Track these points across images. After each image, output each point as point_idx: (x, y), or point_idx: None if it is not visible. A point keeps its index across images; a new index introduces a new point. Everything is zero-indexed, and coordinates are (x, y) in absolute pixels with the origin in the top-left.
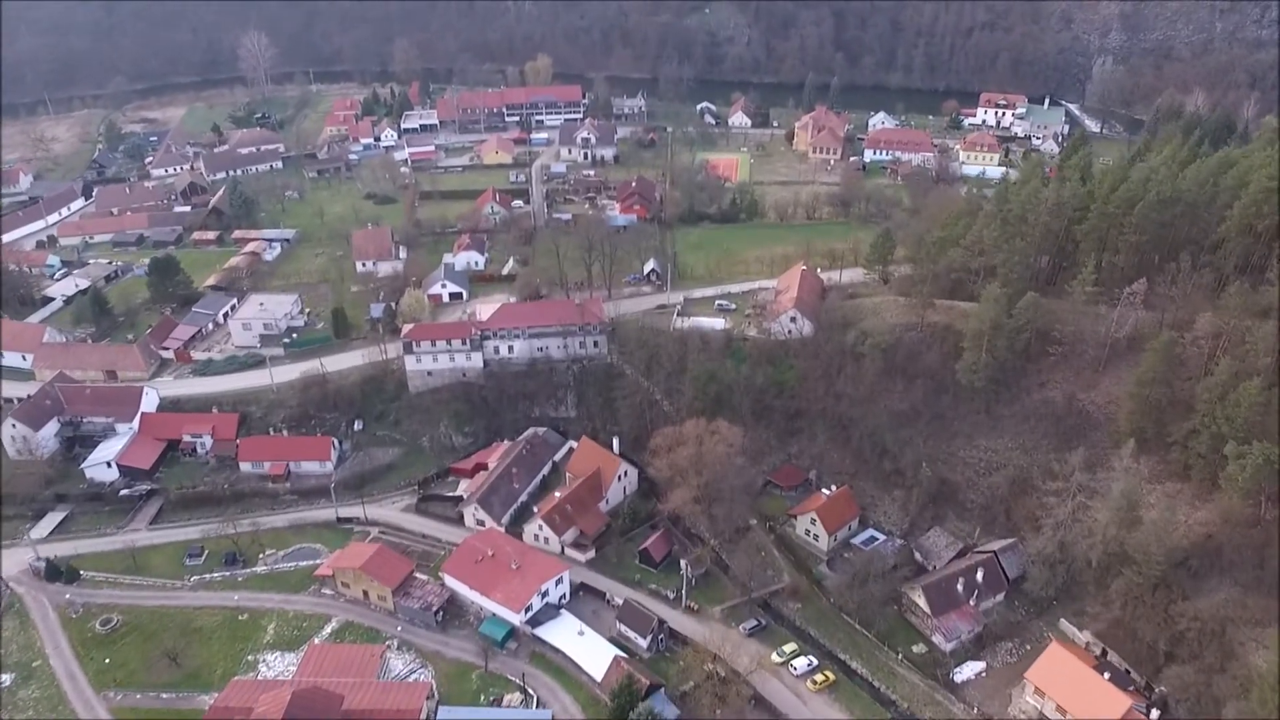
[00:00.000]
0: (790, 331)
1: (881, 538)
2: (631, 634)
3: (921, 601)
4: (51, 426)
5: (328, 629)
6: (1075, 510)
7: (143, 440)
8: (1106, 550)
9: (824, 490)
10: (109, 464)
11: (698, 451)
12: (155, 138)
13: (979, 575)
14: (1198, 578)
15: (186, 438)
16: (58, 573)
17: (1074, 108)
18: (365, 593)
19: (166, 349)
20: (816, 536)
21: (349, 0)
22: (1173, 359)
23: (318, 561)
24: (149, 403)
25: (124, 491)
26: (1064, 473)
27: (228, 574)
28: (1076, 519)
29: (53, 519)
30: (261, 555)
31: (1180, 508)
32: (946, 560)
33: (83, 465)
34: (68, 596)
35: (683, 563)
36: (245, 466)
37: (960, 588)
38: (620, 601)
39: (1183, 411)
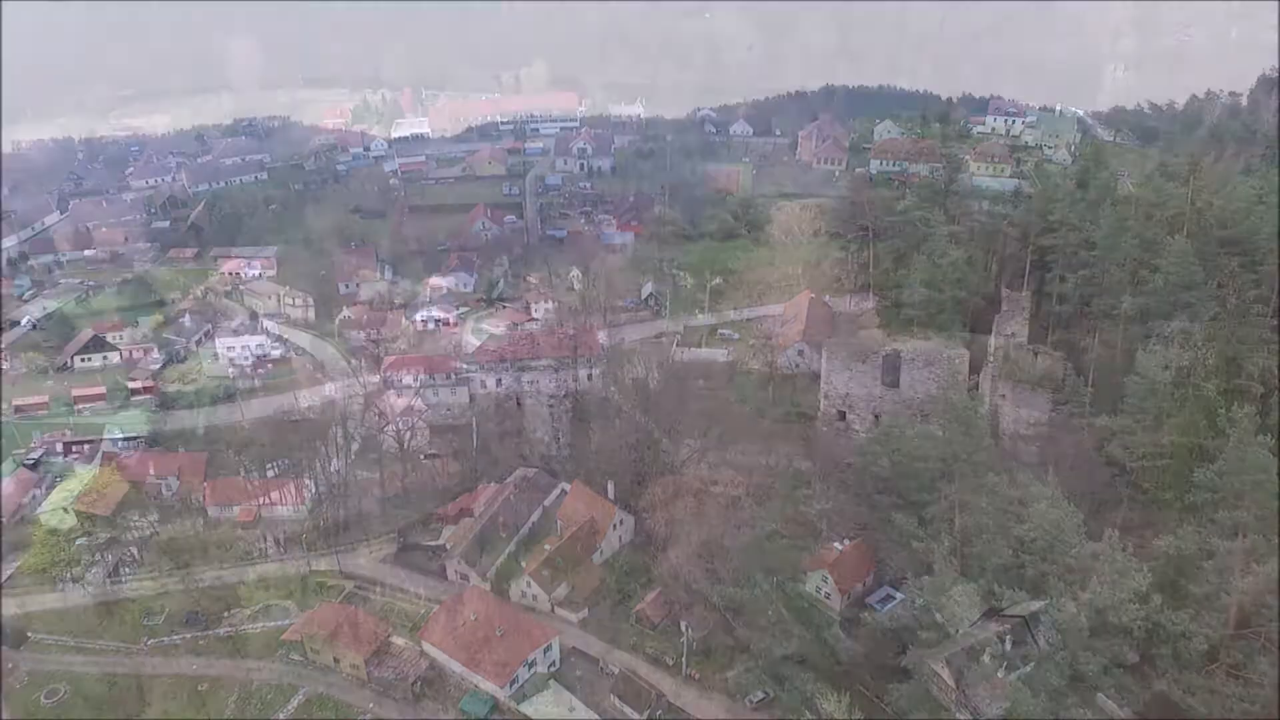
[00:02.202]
0: (798, 365)
1: (900, 596)
2: (627, 710)
3: (945, 673)
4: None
5: (294, 702)
6: (1115, 572)
7: (104, 482)
8: (1150, 617)
9: (836, 544)
10: (66, 510)
11: (699, 503)
12: (136, 147)
13: (1008, 642)
14: (1256, 652)
15: (151, 479)
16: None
17: (1085, 114)
18: (336, 659)
19: (134, 380)
20: (828, 595)
21: (341, 2)
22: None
23: (286, 622)
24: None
25: (81, 540)
26: (1100, 532)
27: (187, 636)
28: (1117, 580)
29: (3, 571)
30: (226, 614)
31: (1234, 568)
32: (971, 623)
33: (38, 510)
34: (9, 666)
35: (683, 624)
36: (213, 511)
37: (988, 657)
38: (615, 669)
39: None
